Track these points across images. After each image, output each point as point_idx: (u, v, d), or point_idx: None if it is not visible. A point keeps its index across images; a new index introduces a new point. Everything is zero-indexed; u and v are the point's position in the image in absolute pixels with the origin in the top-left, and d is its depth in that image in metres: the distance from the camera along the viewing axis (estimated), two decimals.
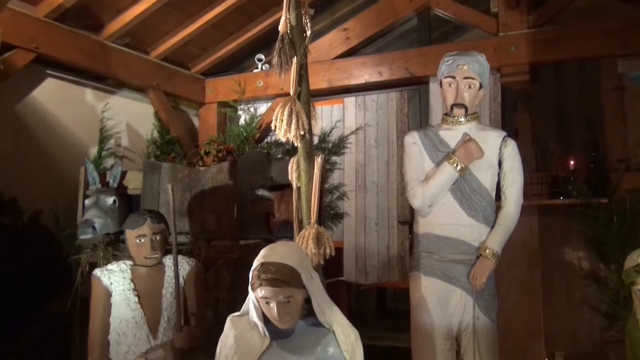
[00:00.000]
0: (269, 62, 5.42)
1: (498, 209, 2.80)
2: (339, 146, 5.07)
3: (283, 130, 2.28)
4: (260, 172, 4.08)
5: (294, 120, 2.28)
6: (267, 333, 1.91)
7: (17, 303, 3.66)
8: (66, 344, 3.62)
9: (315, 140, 4.99)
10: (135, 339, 2.59)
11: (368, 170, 5.20)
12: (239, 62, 5.70)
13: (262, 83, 5.35)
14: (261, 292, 1.84)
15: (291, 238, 3.60)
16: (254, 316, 1.92)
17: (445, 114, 2.87)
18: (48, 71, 4.32)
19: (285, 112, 2.28)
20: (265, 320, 1.92)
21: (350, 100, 5.33)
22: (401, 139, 5.07)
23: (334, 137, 5.13)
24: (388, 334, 5.64)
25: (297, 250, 1.99)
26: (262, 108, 5.58)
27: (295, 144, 2.35)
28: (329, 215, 5.06)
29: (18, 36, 3.77)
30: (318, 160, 2.35)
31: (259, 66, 5.46)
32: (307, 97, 2.37)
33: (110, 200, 3.74)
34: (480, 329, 2.69)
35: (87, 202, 3.75)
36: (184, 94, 5.39)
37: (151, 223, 2.68)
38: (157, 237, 2.69)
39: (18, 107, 4.12)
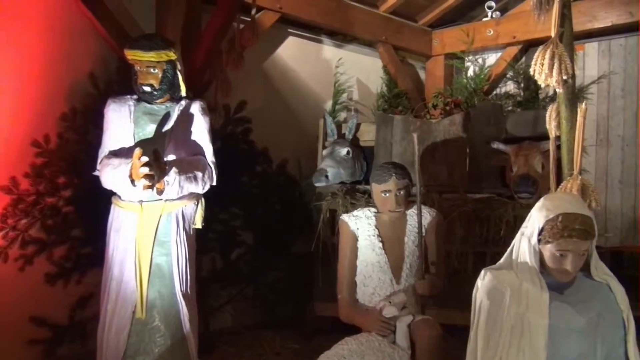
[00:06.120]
0: (500, 9, 5.20)
1: None
2: (578, 97, 4.64)
3: (544, 75, 2.13)
4: (494, 124, 3.93)
5: (555, 64, 2.12)
6: (546, 287, 1.80)
7: (267, 242, 4.05)
8: (309, 282, 3.91)
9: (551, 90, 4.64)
10: (380, 282, 2.69)
11: (612, 122, 4.73)
12: (466, 11, 5.50)
13: (492, 32, 5.11)
14: (562, 243, 1.72)
15: (531, 193, 3.44)
16: (531, 270, 1.81)
17: None
18: (289, 30, 4.64)
19: (547, 56, 2.13)
20: None
21: (592, 46, 4.87)
22: None
23: None
24: None
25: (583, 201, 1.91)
26: (492, 58, 5.35)
27: (557, 90, 2.20)
28: None
29: None
30: (582, 107, 2.17)
31: (489, 14, 5.21)
32: (570, 39, 2.20)
33: (343, 150, 3.93)
34: None
35: (324, 152, 4.00)
36: (411, 46, 5.38)
37: (396, 179, 2.71)
38: (401, 192, 2.73)
39: (265, 65, 4.50)
